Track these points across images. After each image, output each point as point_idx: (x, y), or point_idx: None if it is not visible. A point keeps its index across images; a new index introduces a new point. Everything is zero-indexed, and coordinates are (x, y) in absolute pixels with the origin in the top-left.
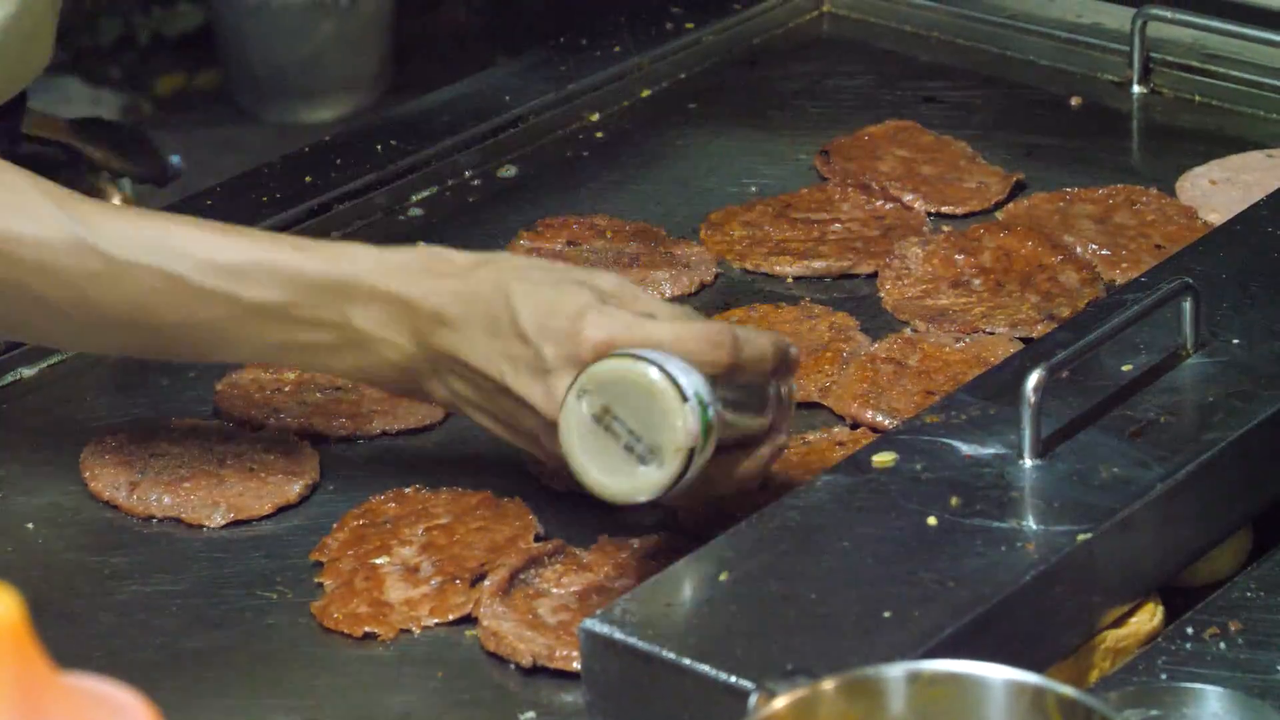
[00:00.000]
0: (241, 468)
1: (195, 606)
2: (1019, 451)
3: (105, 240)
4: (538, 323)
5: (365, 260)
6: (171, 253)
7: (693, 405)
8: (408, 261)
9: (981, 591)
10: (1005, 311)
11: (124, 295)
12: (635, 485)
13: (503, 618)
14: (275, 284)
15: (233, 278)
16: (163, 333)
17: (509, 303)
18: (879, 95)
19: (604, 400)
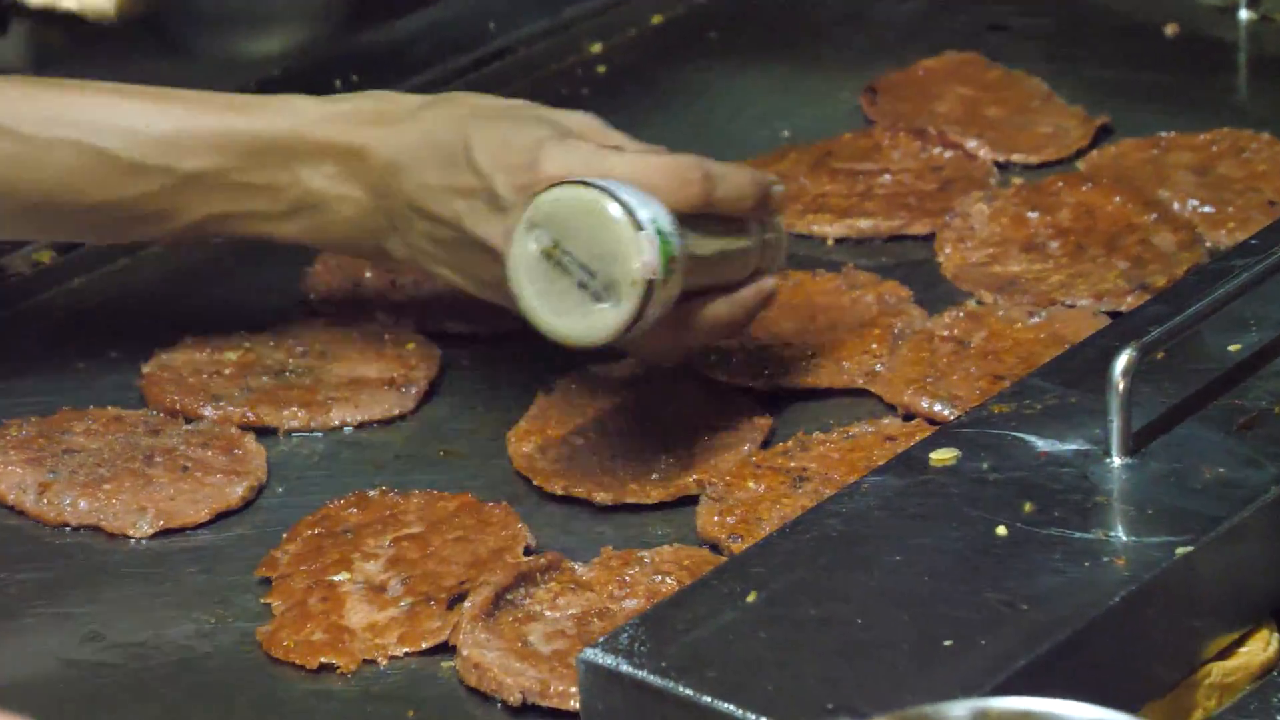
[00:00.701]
0: (173, 466)
1: (118, 633)
2: (1105, 448)
3: (16, 118)
4: (492, 157)
5: (310, 113)
6: (94, 127)
7: (649, 235)
8: (356, 109)
9: (1060, 615)
10: (1088, 280)
11: (43, 177)
12: (591, 325)
13: (486, 646)
14: (214, 150)
15: (166, 148)
16: (89, 213)
17: (465, 138)
18: (936, 22)
19: (554, 234)
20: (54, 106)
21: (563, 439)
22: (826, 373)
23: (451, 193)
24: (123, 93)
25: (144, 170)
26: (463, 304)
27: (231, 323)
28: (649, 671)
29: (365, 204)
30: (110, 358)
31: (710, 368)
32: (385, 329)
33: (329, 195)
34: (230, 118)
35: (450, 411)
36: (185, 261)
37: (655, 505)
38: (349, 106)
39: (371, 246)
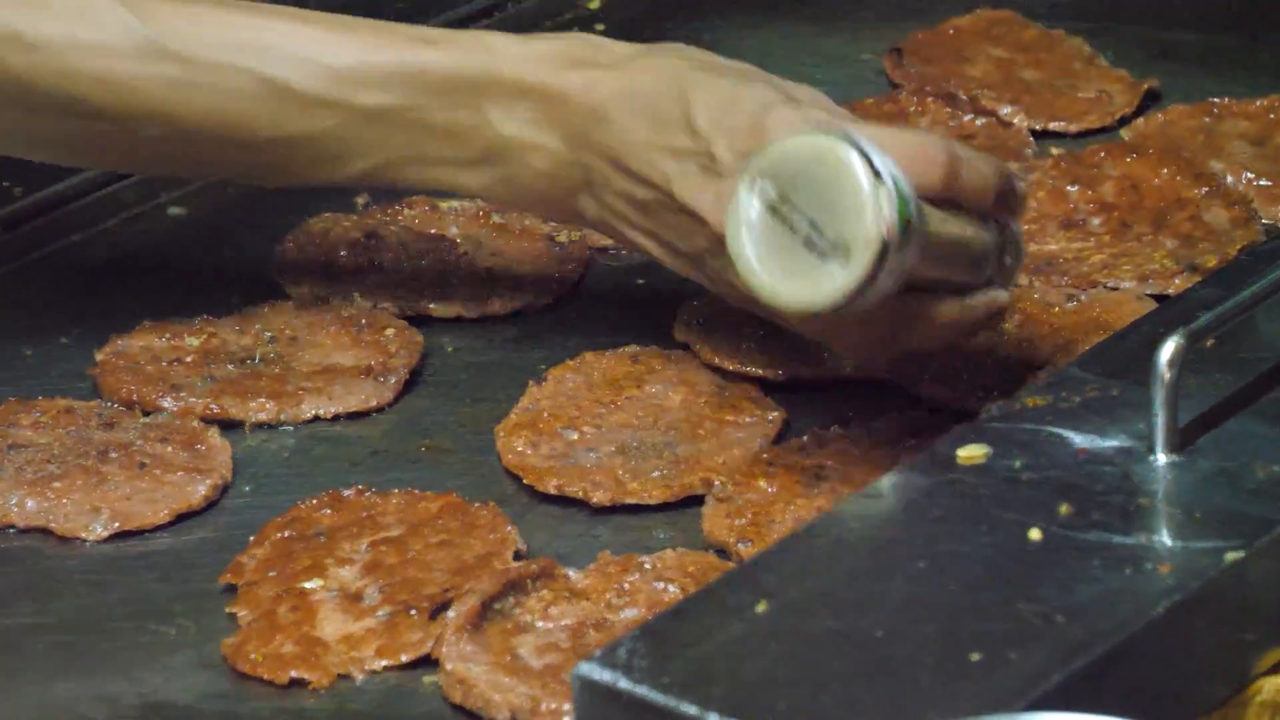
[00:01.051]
0: (129, 463)
1: (68, 644)
2: (1149, 445)
3: (181, 40)
4: (714, 117)
5: (506, 50)
6: (268, 54)
7: (889, 190)
8: (558, 50)
9: (1099, 627)
10: (1133, 260)
11: (209, 106)
12: (816, 289)
13: (473, 660)
14: (397, 85)
15: (346, 81)
16: (257, 150)
17: (682, 95)
18: None
19: (781, 186)
20: (224, 30)
21: (556, 433)
22: (845, 361)
23: (662, 151)
24: (300, 18)
25: (321, 104)
26: (447, 286)
27: (193, 306)
28: (650, 688)
29: (561, 156)
30: (61, 344)
31: (718, 354)
32: (362, 313)
33: (521, 143)
34: (417, 51)
35: (433, 403)
36: (143, 238)
37: (657, 506)
38: (550, 47)
39: (562, 205)
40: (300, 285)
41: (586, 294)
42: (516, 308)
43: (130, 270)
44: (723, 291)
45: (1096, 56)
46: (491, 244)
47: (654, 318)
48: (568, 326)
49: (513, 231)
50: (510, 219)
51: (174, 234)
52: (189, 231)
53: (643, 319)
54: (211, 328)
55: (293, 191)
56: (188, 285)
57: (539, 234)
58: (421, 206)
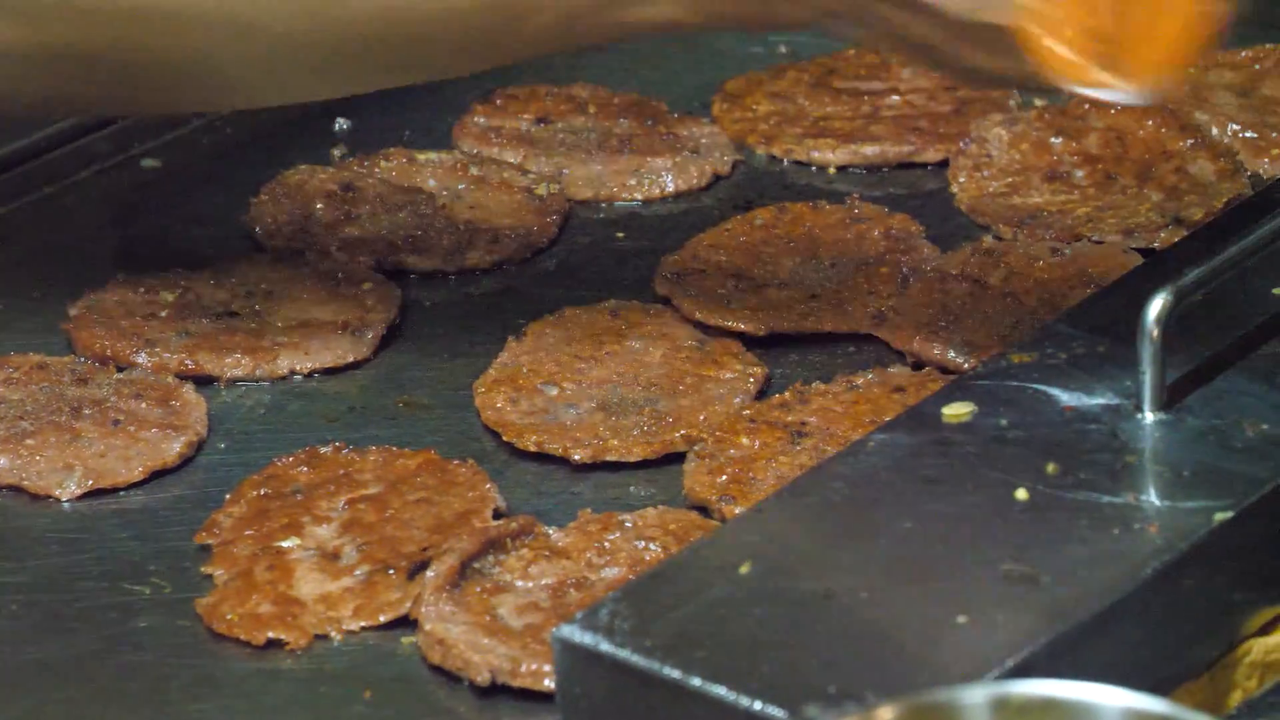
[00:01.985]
0: (103, 420)
1: (41, 604)
2: (1136, 402)
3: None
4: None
5: None
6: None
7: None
8: None
9: (1087, 588)
10: (1117, 213)
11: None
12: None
13: (451, 620)
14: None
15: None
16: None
17: None
18: None
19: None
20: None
21: (536, 389)
22: (828, 316)
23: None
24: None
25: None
26: (425, 239)
27: (167, 259)
28: (632, 651)
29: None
30: (33, 298)
31: (699, 309)
32: (339, 266)
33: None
34: None
35: (411, 358)
36: (116, 191)
37: (638, 463)
38: None
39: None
40: (276, 238)
41: (566, 247)
42: (495, 261)
43: (103, 223)
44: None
45: None
46: (469, 196)
47: (634, 271)
48: (547, 280)
49: (491, 184)
50: (489, 171)
51: (147, 186)
52: (162, 183)
53: (623, 273)
54: (186, 281)
55: (267, 142)
56: (161, 238)
57: (517, 186)
58: (399, 158)
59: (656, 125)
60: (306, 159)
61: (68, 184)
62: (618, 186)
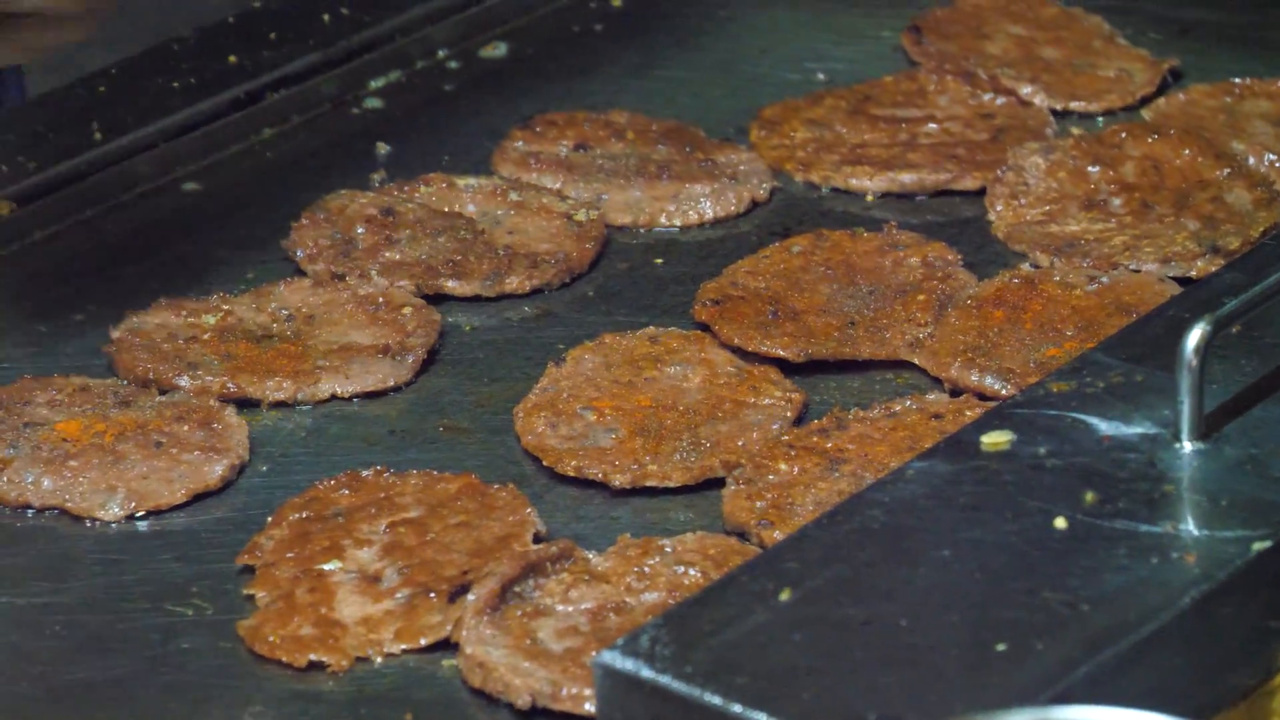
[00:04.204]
0: (145, 442)
1: (84, 625)
2: (1175, 432)
3: None
4: None
5: None
6: None
7: None
8: None
9: (1125, 617)
10: (1155, 242)
11: None
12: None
13: (492, 643)
14: None
15: None
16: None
17: None
18: None
19: None
20: None
21: (575, 414)
22: (866, 342)
23: None
24: None
25: None
26: (464, 264)
27: (208, 283)
28: (673, 677)
29: None
30: (76, 321)
31: (737, 335)
32: (379, 291)
33: None
34: None
35: (451, 383)
36: (158, 214)
37: (677, 489)
38: None
39: None
40: (316, 262)
41: (604, 273)
42: (534, 286)
43: (145, 246)
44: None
45: (1116, 35)
46: (509, 222)
47: (673, 297)
48: (585, 305)
49: (530, 209)
50: (528, 196)
51: (189, 209)
52: (204, 207)
53: (661, 298)
54: (227, 305)
55: (308, 167)
56: (203, 262)
57: (556, 212)
58: (438, 183)
59: (694, 152)
60: (347, 184)
61: (109, 207)
62: (656, 212)
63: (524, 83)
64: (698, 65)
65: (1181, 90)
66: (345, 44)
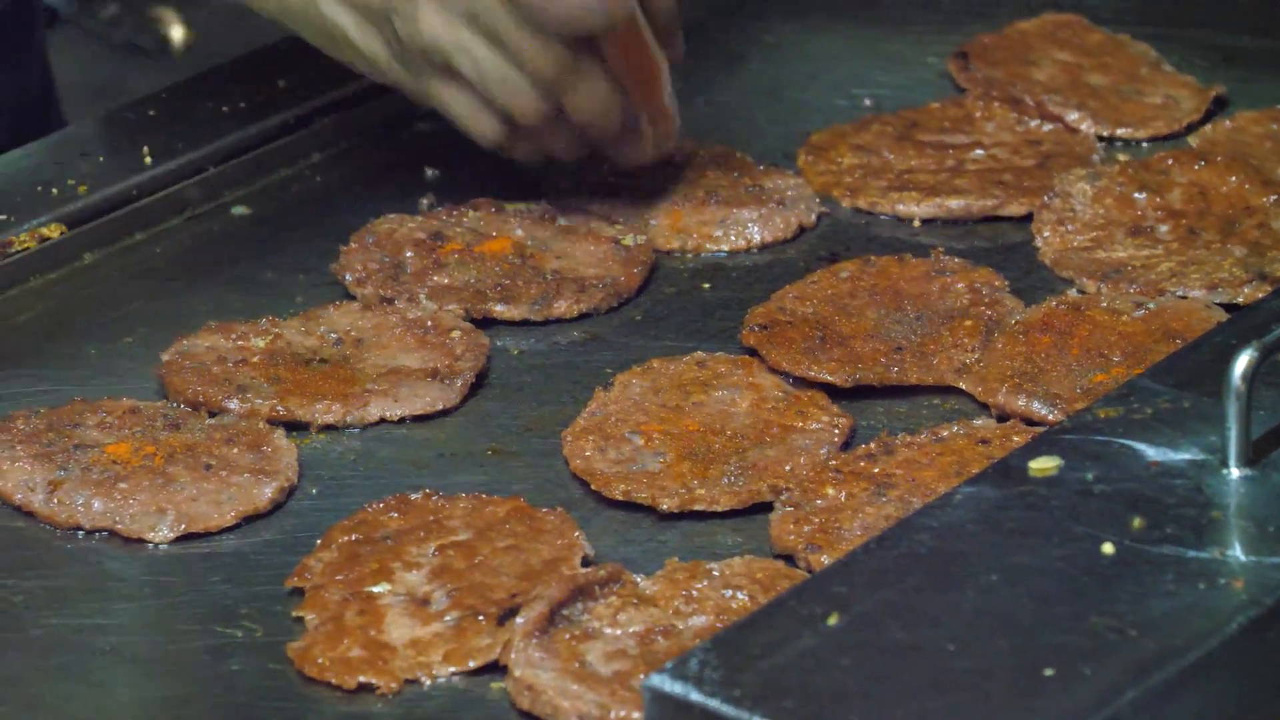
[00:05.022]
0: (195, 464)
1: (134, 647)
2: (1222, 458)
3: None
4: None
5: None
6: None
7: None
8: None
9: (1173, 642)
10: (1201, 268)
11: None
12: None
13: (541, 666)
14: None
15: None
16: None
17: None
18: None
19: None
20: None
21: (623, 438)
22: (913, 368)
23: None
24: None
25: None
26: (513, 288)
27: (258, 306)
28: (721, 700)
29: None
30: (126, 343)
31: (785, 360)
32: (427, 315)
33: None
34: None
35: (499, 406)
36: (207, 238)
37: (725, 513)
38: None
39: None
40: (365, 286)
41: (652, 297)
42: (582, 310)
43: (194, 270)
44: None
45: (1162, 62)
46: (556, 246)
47: (720, 322)
48: (633, 330)
49: (578, 233)
50: (575, 221)
51: (238, 233)
52: (253, 231)
53: (709, 323)
54: (276, 328)
55: (357, 191)
56: (252, 285)
57: (604, 236)
58: (487, 208)
59: (742, 177)
60: (395, 208)
61: (159, 231)
62: (704, 237)
63: None
64: (745, 91)
65: (1228, 117)
66: None
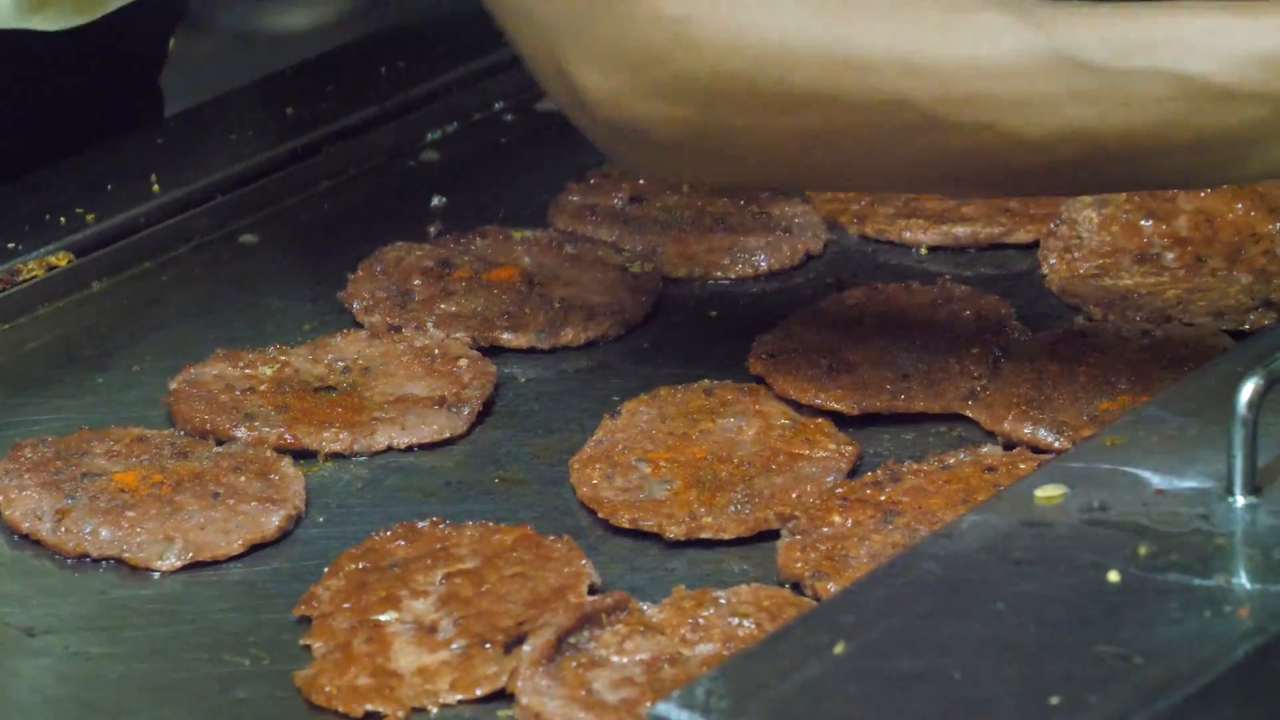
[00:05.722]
0: (202, 493)
1: (141, 674)
2: (1228, 485)
3: (1091, 49)
4: None
5: None
6: (1184, 48)
7: None
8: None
9: (1179, 670)
10: (1208, 295)
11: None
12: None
13: (547, 694)
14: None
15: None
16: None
17: None
18: None
19: None
20: (1133, 30)
21: (630, 466)
22: (920, 395)
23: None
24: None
25: (1244, 96)
26: (520, 316)
27: (266, 334)
28: None
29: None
30: (133, 371)
31: (792, 387)
32: (435, 343)
33: None
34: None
35: (507, 434)
36: (215, 266)
37: (732, 540)
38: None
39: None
40: (373, 314)
41: (659, 325)
42: (589, 338)
43: (202, 298)
44: None
45: None
46: (564, 274)
47: (728, 350)
48: (641, 358)
49: (585, 261)
50: (583, 248)
51: (245, 262)
52: (260, 259)
53: (716, 351)
54: (284, 356)
55: (365, 219)
56: (260, 313)
57: (612, 264)
58: (494, 236)
59: (749, 204)
60: (403, 236)
61: (167, 260)
62: (711, 265)
63: (579, 136)
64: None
65: None
66: (402, 97)
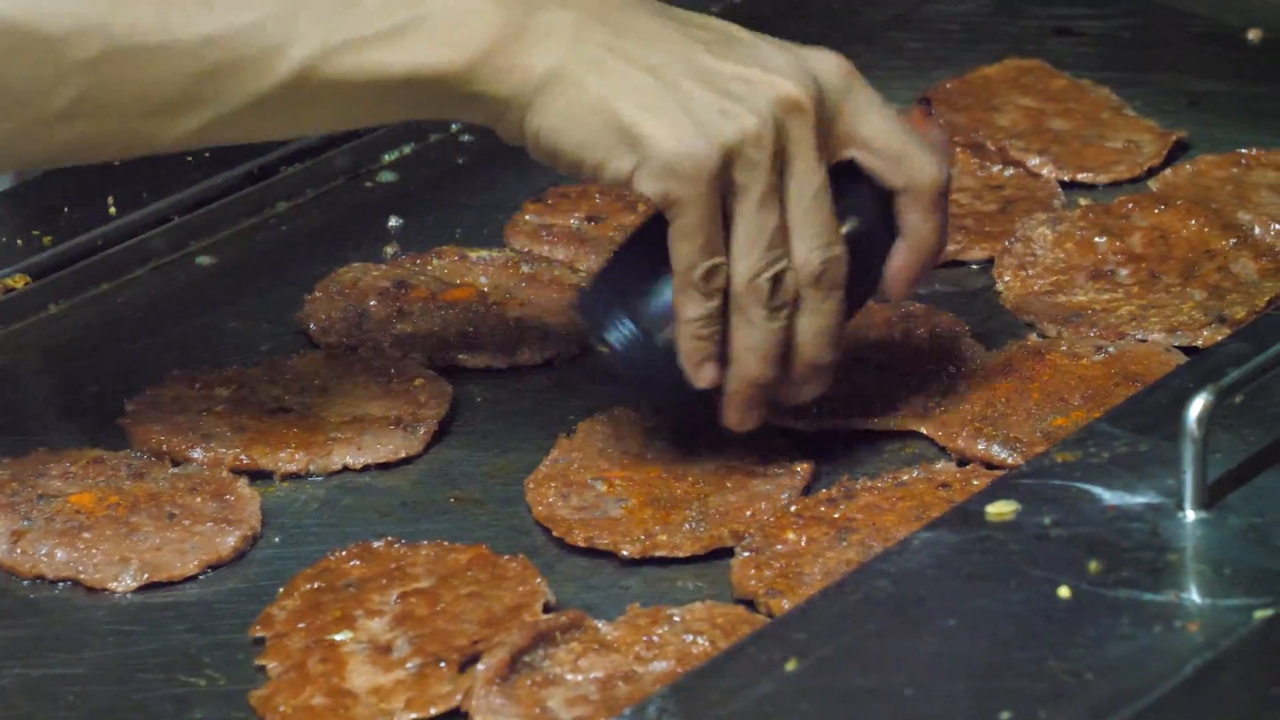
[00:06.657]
0: (158, 514)
1: (97, 696)
2: (1178, 501)
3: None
4: None
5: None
6: None
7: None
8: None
9: (1129, 685)
10: (1161, 312)
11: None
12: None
13: (502, 712)
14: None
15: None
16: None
17: None
18: (996, 25)
19: None
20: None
21: (586, 485)
22: (874, 412)
23: None
24: None
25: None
26: (476, 336)
27: (222, 355)
28: None
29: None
30: (90, 393)
31: None
32: (391, 363)
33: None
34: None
35: (462, 454)
36: (172, 288)
37: (686, 558)
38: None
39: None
40: (329, 335)
41: None
42: (546, 358)
43: (159, 319)
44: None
45: (1125, 106)
46: (521, 294)
47: None
48: (597, 377)
49: (542, 281)
50: (540, 268)
51: (202, 283)
52: (217, 280)
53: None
54: (240, 377)
55: (321, 240)
56: (216, 334)
57: (568, 283)
58: (450, 256)
59: None
60: (359, 256)
61: (123, 281)
62: None
63: None
64: None
65: (1189, 161)
66: None
